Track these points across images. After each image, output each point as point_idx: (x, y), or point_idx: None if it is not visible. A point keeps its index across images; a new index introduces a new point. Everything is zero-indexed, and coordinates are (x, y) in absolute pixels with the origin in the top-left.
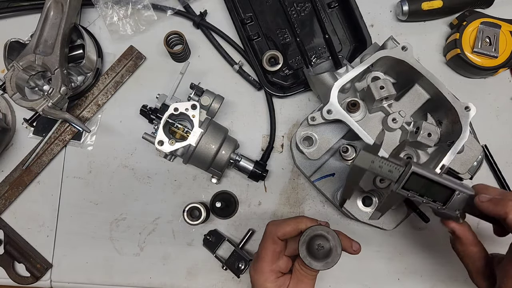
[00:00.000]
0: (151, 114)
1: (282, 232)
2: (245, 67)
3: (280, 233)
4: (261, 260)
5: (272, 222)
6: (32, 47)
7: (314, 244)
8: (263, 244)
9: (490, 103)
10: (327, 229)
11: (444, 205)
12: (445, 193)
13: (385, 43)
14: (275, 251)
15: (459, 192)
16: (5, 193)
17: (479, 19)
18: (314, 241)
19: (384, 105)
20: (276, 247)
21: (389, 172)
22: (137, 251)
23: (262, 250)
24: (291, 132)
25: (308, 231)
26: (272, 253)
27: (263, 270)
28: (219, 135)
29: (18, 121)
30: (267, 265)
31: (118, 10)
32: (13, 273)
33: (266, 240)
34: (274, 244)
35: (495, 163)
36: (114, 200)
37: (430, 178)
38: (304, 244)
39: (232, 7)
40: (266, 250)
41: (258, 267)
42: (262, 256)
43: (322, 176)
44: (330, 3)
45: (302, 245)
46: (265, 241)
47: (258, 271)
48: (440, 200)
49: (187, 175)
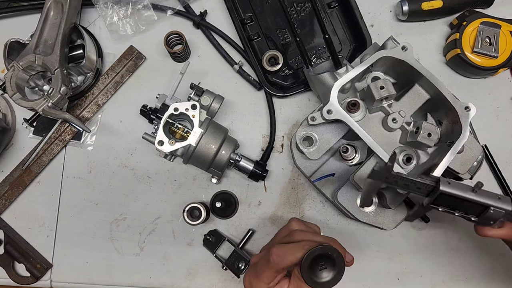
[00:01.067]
0: (151, 114)
1: (287, 264)
2: (245, 67)
3: (285, 265)
4: (260, 280)
5: (277, 251)
6: (32, 47)
7: (318, 264)
8: (265, 270)
9: (490, 103)
10: (334, 250)
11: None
12: (478, 208)
13: (385, 43)
14: (276, 277)
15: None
16: (5, 193)
17: (479, 19)
18: (318, 259)
19: (384, 105)
20: (278, 274)
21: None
22: (137, 251)
23: (263, 274)
24: (291, 132)
25: (316, 249)
26: (273, 278)
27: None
28: (219, 135)
29: (18, 121)
30: (265, 285)
31: (118, 10)
32: (13, 273)
33: (269, 268)
34: (277, 273)
35: (495, 163)
36: (114, 200)
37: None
38: (307, 261)
39: (232, 7)
40: (268, 275)
41: (255, 284)
42: (262, 278)
43: (322, 176)
44: (330, 3)
45: (305, 262)
46: (268, 269)
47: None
48: (473, 213)
49: (187, 175)
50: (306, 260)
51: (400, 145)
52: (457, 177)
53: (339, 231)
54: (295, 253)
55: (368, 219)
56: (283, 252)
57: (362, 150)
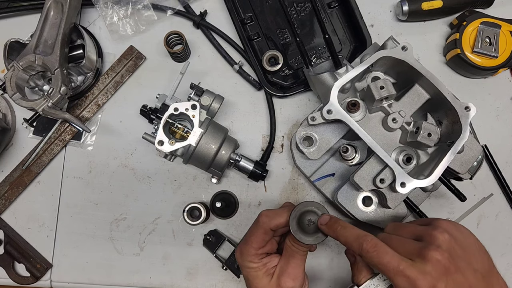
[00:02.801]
0: (151, 114)
1: (275, 224)
2: (245, 67)
3: (273, 225)
4: (248, 245)
5: (266, 213)
6: (32, 47)
7: (305, 220)
8: (254, 232)
9: (490, 103)
10: (317, 204)
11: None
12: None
13: (385, 43)
14: (264, 239)
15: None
16: (5, 193)
17: (479, 19)
18: (304, 216)
19: (384, 105)
20: (266, 236)
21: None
22: (137, 251)
23: (251, 236)
24: (291, 132)
25: (299, 206)
26: (261, 241)
27: (249, 253)
28: (219, 135)
29: (18, 121)
30: (254, 249)
31: (118, 10)
32: (13, 273)
33: (258, 229)
34: (265, 234)
35: (495, 163)
36: (114, 200)
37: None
38: (294, 219)
39: (232, 7)
40: (256, 237)
41: (244, 250)
42: (251, 241)
43: (322, 176)
44: (330, 3)
45: (292, 220)
46: (257, 230)
47: (244, 254)
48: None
49: (187, 175)
50: (293, 219)
51: (400, 145)
52: (457, 177)
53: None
54: (283, 214)
55: (368, 219)
56: (271, 214)
57: (362, 150)
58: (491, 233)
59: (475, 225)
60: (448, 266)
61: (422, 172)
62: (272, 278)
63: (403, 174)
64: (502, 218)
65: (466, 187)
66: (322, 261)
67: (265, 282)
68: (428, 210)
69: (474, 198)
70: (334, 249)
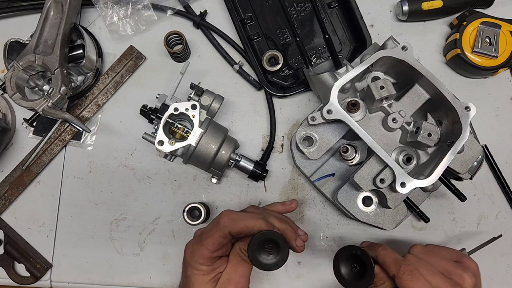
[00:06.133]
0: (151, 114)
1: (236, 230)
2: (245, 67)
3: (235, 230)
4: (203, 246)
5: (229, 214)
6: (32, 47)
7: (263, 246)
8: (212, 234)
9: (490, 103)
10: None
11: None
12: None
13: (385, 43)
14: (222, 243)
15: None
16: (5, 193)
17: (479, 19)
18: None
19: (384, 105)
20: (224, 240)
21: None
22: (137, 251)
23: (208, 238)
24: (291, 132)
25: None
26: (218, 244)
27: (202, 255)
28: (219, 135)
29: (18, 121)
30: (208, 252)
31: (118, 10)
32: (13, 273)
33: (217, 231)
34: (223, 238)
35: (495, 163)
36: (114, 200)
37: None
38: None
39: (232, 7)
40: (213, 240)
41: (197, 251)
42: (207, 243)
43: (322, 176)
44: (330, 3)
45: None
46: (215, 232)
47: (196, 255)
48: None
49: (187, 175)
50: (256, 239)
51: (400, 145)
52: (457, 177)
53: (339, 231)
54: (250, 221)
55: (368, 219)
56: (236, 216)
57: (362, 150)
58: (491, 233)
59: (475, 225)
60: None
61: (422, 172)
62: (217, 285)
63: (403, 174)
64: (502, 218)
65: (466, 187)
66: (322, 261)
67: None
68: (428, 210)
69: (475, 199)
70: (334, 250)
